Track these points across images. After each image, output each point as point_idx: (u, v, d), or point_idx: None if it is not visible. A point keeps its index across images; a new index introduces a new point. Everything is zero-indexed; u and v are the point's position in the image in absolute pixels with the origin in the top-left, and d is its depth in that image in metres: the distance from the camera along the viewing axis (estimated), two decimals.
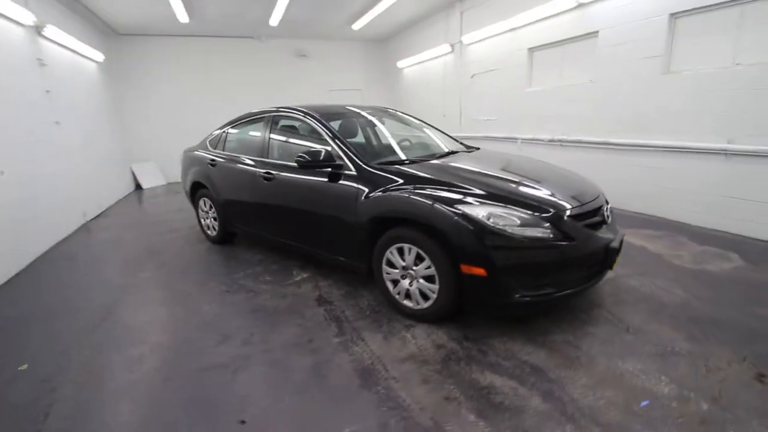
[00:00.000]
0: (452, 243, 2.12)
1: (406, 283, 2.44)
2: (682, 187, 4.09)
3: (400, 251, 2.41)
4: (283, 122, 3.44)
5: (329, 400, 1.83)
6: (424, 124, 3.75)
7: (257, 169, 3.34)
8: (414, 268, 2.36)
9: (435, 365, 2.03)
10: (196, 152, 4.23)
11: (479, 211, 2.10)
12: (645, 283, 2.82)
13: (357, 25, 8.24)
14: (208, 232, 4.27)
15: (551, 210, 2.14)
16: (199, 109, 9.02)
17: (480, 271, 2.07)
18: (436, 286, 2.28)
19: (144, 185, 8.32)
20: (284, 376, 2.01)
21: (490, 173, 2.58)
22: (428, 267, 2.28)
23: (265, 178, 3.23)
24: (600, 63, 4.75)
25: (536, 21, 5.52)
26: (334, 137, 2.87)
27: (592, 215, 2.29)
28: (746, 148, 3.49)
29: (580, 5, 4.83)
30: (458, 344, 2.20)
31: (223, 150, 3.92)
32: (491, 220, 2.07)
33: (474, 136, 7.02)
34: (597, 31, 4.73)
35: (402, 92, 10.02)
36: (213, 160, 3.89)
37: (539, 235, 2.06)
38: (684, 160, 4.01)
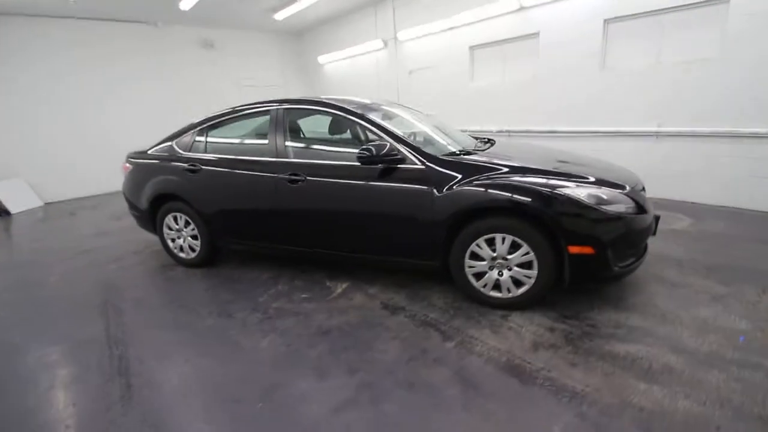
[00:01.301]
0: (561, 226, 2.17)
1: (494, 273, 2.40)
2: (622, 165, 4.91)
3: (489, 242, 2.36)
4: (299, 117, 3.00)
5: (507, 406, 1.70)
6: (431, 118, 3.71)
7: (274, 173, 2.85)
8: (508, 256, 2.34)
9: (565, 347, 2.07)
10: (158, 159, 3.39)
11: (580, 192, 2.19)
12: None
13: (281, 15, 7.63)
14: (182, 254, 3.48)
15: (627, 186, 2.37)
16: (85, 108, 7.25)
17: (588, 250, 2.18)
18: (533, 272, 2.30)
19: (12, 210, 6.28)
20: (435, 396, 1.79)
21: (550, 158, 2.70)
22: (526, 253, 2.29)
23: (291, 181, 2.78)
24: (542, 60, 5.38)
25: (477, 21, 5.93)
26: (386, 131, 2.63)
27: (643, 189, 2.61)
28: (672, 130, 4.40)
29: (522, 8, 5.37)
30: (565, 324, 2.28)
31: (206, 152, 3.23)
32: (592, 200, 2.18)
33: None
34: (538, 32, 5.33)
35: (325, 89, 9.68)
36: (194, 166, 3.17)
37: (626, 209, 2.25)
38: (622, 142, 4.83)
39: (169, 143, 3.41)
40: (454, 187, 2.38)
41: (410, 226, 2.54)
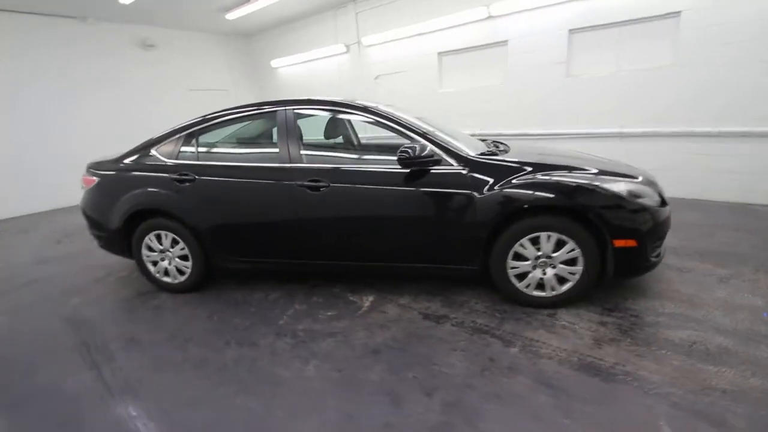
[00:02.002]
0: (606, 221, 2.22)
1: (538, 272, 2.39)
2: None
3: (533, 241, 2.34)
4: (311, 118, 2.75)
5: (604, 407, 1.67)
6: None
7: (289, 180, 2.57)
8: (553, 254, 2.34)
9: (625, 340, 2.10)
10: (135, 169, 2.90)
11: (620, 187, 2.26)
12: None
13: (234, 15, 7.12)
14: (166, 279, 3.00)
15: (651, 180, 2.50)
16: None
17: (632, 243, 2.25)
18: (579, 268, 2.33)
19: None
20: (529, 407, 1.70)
21: (573, 156, 2.78)
22: (571, 250, 2.30)
23: (312, 188, 2.53)
24: (511, 67, 5.63)
25: (447, 28, 6.06)
26: (417, 132, 2.51)
27: None
28: (634, 131, 4.84)
29: (491, 17, 5.59)
30: (611, 317, 2.32)
31: (198, 160, 2.82)
32: (630, 193, 2.26)
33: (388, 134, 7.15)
34: (507, 41, 5.58)
35: (279, 94, 9.24)
36: (184, 175, 2.76)
37: (655, 202, 2.37)
38: (588, 143, 5.20)
39: (147, 151, 2.94)
40: (496, 187, 2.33)
41: (450, 231, 2.44)
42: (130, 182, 2.89)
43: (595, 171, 2.37)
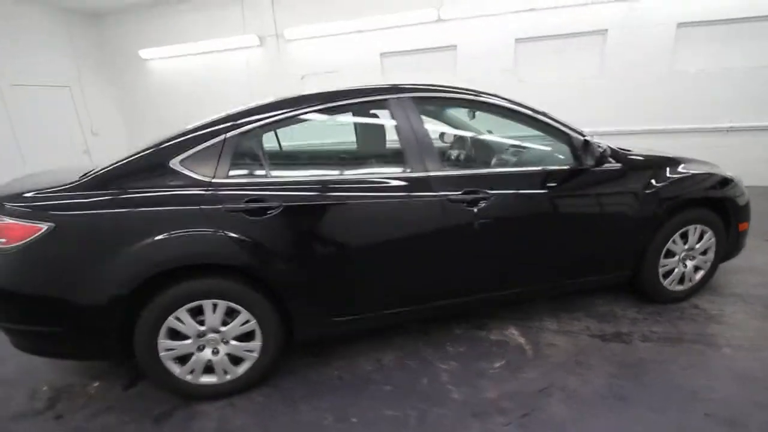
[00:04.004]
0: (736, 207, 2.34)
1: (681, 266, 2.36)
2: None
3: (683, 236, 2.30)
4: (439, 111, 2.03)
5: None
6: None
7: (427, 193, 1.84)
8: (696, 245, 2.34)
9: None
10: (142, 200, 1.60)
11: (735, 175, 2.41)
12: None
13: None
14: (208, 379, 1.78)
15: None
16: None
17: (746, 226, 2.43)
18: (710, 255, 2.39)
19: None
20: None
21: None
22: (710, 239, 2.35)
23: (469, 202, 1.86)
24: (460, 73, 5.70)
25: (391, 27, 5.71)
26: (570, 128, 2.16)
27: None
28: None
29: (440, 20, 5.53)
30: (740, 298, 2.46)
31: (268, 176, 1.75)
32: (742, 183, 2.44)
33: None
34: (456, 45, 5.62)
35: (155, 93, 7.14)
36: (258, 201, 1.66)
37: None
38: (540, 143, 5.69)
39: (159, 164, 1.67)
40: (655, 184, 2.18)
41: (615, 235, 2.18)
42: (137, 222, 1.58)
43: (705, 163, 2.47)
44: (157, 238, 1.57)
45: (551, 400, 1.71)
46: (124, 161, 1.68)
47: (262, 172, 1.78)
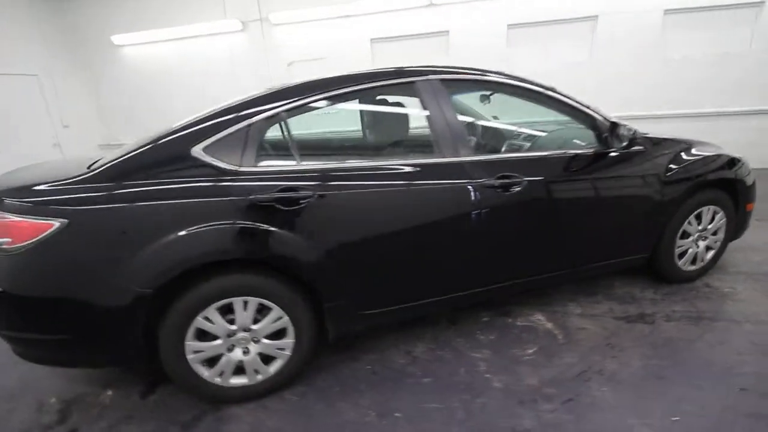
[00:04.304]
0: (745, 188, 2.40)
1: (695, 246, 2.41)
2: None
3: (697, 217, 2.34)
4: (466, 93, 1.96)
5: None
6: None
7: (462, 179, 1.78)
8: (709, 226, 2.39)
9: None
10: (163, 192, 1.46)
11: (738, 155, 2.47)
12: None
13: None
14: (239, 380, 1.67)
15: None
16: None
17: (752, 206, 2.51)
18: (720, 236, 2.46)
19: None
20: None
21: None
22: (721, 219, 2.41)
23: (503, 187, 1.82)
24: (452, 59, 5.63)
25: (380, 12, 5.56)
26: (595, 111, 2.14)
27: None
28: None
29: (432, 5, 5.42)
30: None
31: (299, 163, 1.64)
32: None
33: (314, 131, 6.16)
34: (448, 31, 5.54)
35: (130, 82, 6.72)
36: (293, 190, 1.55)
37: None
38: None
39: (179, 153, 1.53)
40: (674, 166, 2.21)
41: (638, 218, 2.20)
42: (162, 216, 1.44)
43: (711, 145, 2.53)
44: (184, 232, 1.44)
45: (592, 384, 1.71)
46: (140, 150, 1.53)
47: (291, 160, 1.67)
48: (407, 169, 1.76)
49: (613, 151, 2.06)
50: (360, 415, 1.62)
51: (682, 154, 2.26)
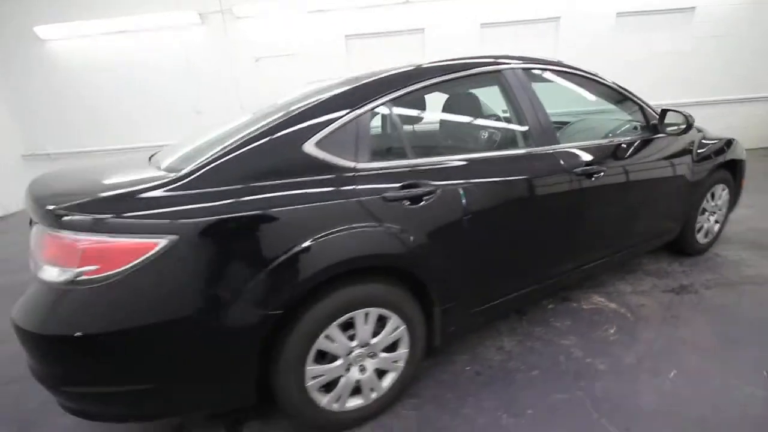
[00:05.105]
0: (742, 166, 2.75)
1: (707, 223, 2.70)
2: None
3: (713, 195, 2.63)
4: (531, 82, 1.95)
5: None
6: None
7: (560, 169, 1.79)
8: (719, 201, 2.69)
9: None
10: (285, 197, 1.25)
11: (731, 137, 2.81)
12: None
13: None
14: (355, 401, 1.50)
15: None
16: None
17: (744, 182, 2.88)
18: (724, 211, 2.79)
19: None
20: None
21: None
22: (726, 195, 2.73)
23: (588, 175, 1.86)
24: (428, 57, 5.68)
25: (355, 8, 5.42)
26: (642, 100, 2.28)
27: None
28: None
29: (408, 2, 5.41)
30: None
31: (408, 157, 1.51)
32: None
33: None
34: (423, 28, 5.58)
35: (58, 83, 5.76)
36: (413, 186, 1.42)
37: None
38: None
39: (290, 151, 1.32)
40: (700, 151, 2.44)
41: (677, 200, 2.41)
42: (289, 223, 1.23)
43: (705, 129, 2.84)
44: (318, 240, 1.25)
45: (682, 355, 1.82)
46: (241, 149, 1.29)
47: (404, 153, 1.53)
48: (514, 160, 1.73)
49: (663, 137, 2.22)
50: (493, 419, 1.54)
51: (701, 138, 2.51)
